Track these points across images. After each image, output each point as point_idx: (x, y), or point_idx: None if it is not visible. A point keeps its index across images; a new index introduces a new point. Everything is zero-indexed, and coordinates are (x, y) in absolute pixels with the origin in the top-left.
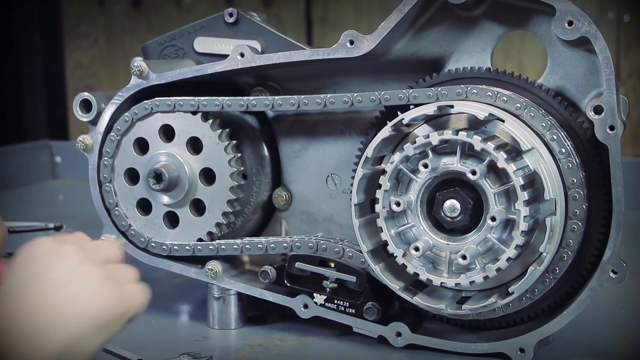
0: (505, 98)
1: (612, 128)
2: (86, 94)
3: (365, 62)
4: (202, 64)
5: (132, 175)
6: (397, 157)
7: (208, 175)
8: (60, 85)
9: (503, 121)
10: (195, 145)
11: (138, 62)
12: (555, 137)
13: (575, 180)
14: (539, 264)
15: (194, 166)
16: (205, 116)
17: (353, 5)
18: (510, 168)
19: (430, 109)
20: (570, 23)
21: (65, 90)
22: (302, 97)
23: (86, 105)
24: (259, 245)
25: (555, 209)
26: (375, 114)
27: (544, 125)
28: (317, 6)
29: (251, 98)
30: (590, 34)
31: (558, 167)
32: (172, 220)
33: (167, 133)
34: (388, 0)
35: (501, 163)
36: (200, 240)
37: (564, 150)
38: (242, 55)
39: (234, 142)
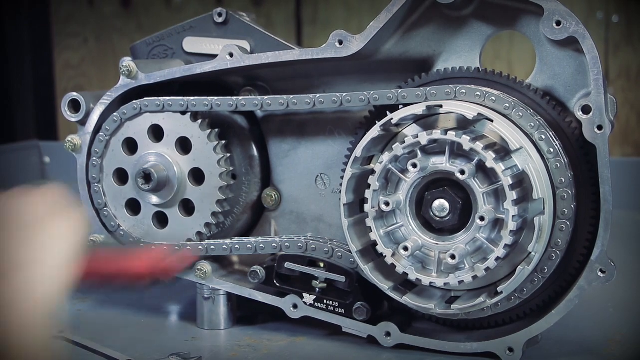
0: (493, 98)
1: (600, 128)
2: (75, 94)
3: (355, 62)
4: (191, 64)
5: (121, 176)
6: (386, 157)
7: (197, 176)
8: (49, 85)
9: (492, 121)
10: (184, 145)
11: (127, 62)
12: (543, 137)
13: (563, 180)
14: (527, 264)
15: (183, 166)
16: (195, 116)
17: (343, 5)
18: (499, 168)
19: (419, 109)
20: (558, 23)
21: (54, 90)
22: (291, 97)
23: (75, 106)
24: (249, 246)
25: (544, 208)
26: (365, 114)
27: (533, 125)
28: (307, 6)
29: (240, 98)
30: (578, 34)
31: (546, 166)
32: (161, 220)
33: (156, 133)
34: (378, 0)
35: (490, 163)
36: (189, 240)
37: (552, 150)
38: (231, 55)
39: (223, 142)
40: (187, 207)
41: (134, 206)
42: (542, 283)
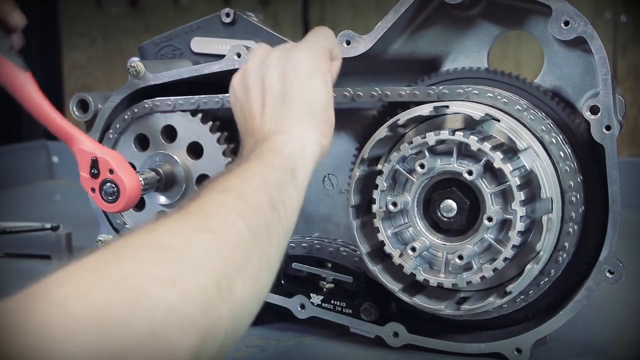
0: (505, 100)
1: (608, 128)
2: (83, 94)
3: (362, 62)
4: (199, 64)
5: None
6: (393, 157)
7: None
8: (57, 85)
9: (499, 121)
10: (194, 149)
11: (134, 62)
12: (554, 140)
13: (572, 184)
14: (535, 263)
15: (193, 169)
16: (205, 118)
17: (350, 6)
18: (507, 168)
19: (426, 110)
20: (566, 23)
21: (62, 90)
22: None
23: (83, 106)
24: None
25: (552, 208)
26: (373, 114)
27: (543, 128)
28: (314, 6)
29: None
30: (587, 34)
31: (555, 169)
32: None
33: (170, 134)
34: (385, 0)
35: (497, 163)
36: None
37: (562, 154)
38: (238, 55)
39: (232, 145)
40: None
41: (140, 205)
42: (549, 285)
